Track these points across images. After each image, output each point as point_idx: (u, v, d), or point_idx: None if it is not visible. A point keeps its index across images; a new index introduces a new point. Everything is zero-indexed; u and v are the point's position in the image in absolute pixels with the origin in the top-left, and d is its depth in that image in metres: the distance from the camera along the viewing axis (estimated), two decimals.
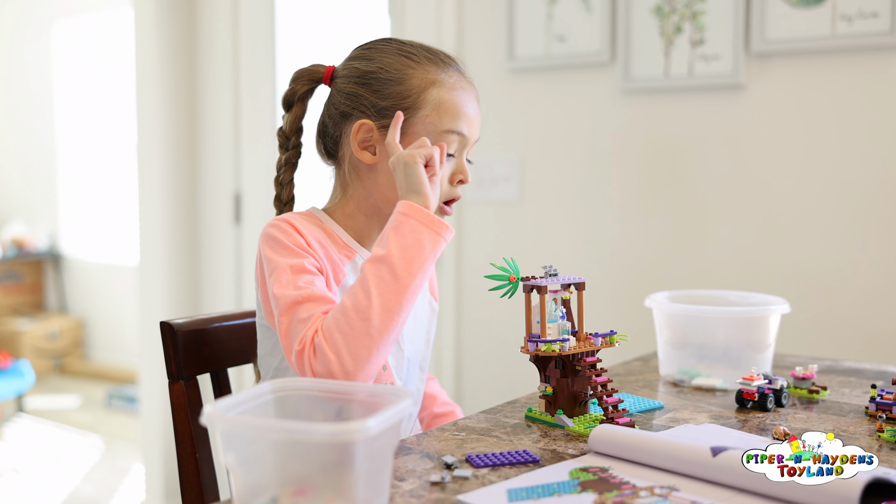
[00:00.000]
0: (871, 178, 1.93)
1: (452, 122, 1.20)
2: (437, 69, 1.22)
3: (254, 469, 0.81)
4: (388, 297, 1.05)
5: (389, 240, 1.08)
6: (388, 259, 1.07)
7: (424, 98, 1.20)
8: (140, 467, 3.38)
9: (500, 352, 2.43)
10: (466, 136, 1.22)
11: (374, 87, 1.22)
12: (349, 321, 1.04)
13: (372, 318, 1.04)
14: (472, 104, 1.23)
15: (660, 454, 0.96)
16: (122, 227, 5.20)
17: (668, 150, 2.16)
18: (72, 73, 5.47)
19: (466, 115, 1.21)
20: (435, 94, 1.20)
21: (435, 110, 1.20)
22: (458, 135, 1.21)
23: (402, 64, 1.22)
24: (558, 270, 1.20)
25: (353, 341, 1.03)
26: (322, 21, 2.93)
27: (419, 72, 1.21)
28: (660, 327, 1.46)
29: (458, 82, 1.23)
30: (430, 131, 1.20)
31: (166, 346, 1.27)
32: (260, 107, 2.92)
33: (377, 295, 1.05)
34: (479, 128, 1.25)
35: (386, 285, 1.06)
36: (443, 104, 1.20)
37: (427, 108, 1.20)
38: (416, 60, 1.22)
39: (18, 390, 4.27)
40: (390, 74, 1.21)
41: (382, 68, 1.22)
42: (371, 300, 1.05)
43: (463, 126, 1.21)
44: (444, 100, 1.20)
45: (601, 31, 2.19)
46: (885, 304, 1.92)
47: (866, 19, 1.88)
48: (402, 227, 1.09)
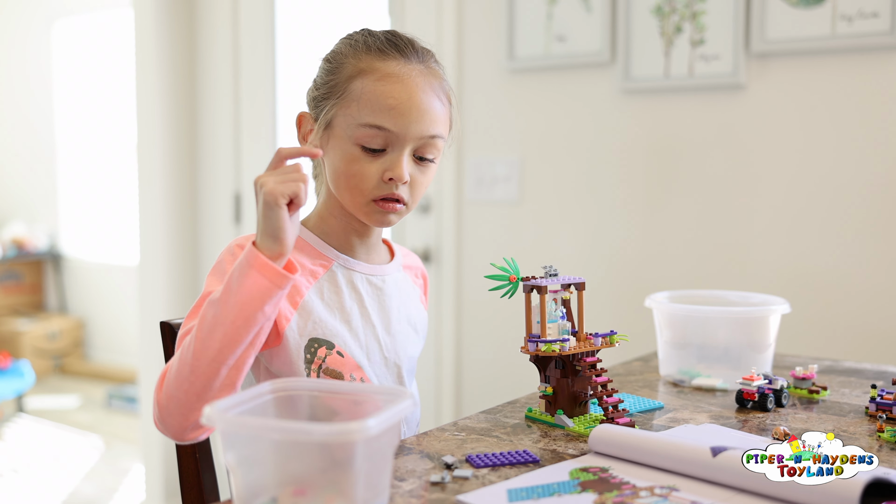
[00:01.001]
0: (871, 177, 1.93)
1: (372, 115, 1.11)
2: (373, 57, 1.13)
3: (254, 469, 0.81)
4: (208, 343, 0.99)
5: (228, 284, 1.00)
6: (218, 304, 1.00)
7: (350, 87, 1.13)
8: (140, 467, 3.38)
9: (500, 352, 2.43)
10: (393, 132, 1.11)
11: (317, 75, 1.20)
12: (178, 368, 1.01)
13: (192, 362, 1.00)
14: (410, 96, 1.11)
15: (660, 454, 0.96)
16: (122, 228, 5.20)
17: (669, 150, 2.16)
18: (72, 73, 5.47)
19: (394, 108, 1.10)
20: (359, 84, 1.12)
21: (356, 101, 1.12)
22: (378, 129, 1.11)
23: (342, 52, 1.17)
24: (558, 270, 1.20)
25: (177, 391, 1.01)
26: (322, 21, 2.93)
27: (352, 60, 1.14)
28: (660, 327, 1.46)
29: (397, 72, 1.12)
30: (349, 123, 1.12)
31: (166, 346, 1.27)
32: (260, 107, 2.92)
33: (200, 340, 1.00)
34: (431, 122, 1.13)
35: (210, 330, 0.99)
36: (364, 95, 1.11)
37: (350, 97, 1.12)
38: (355, 48, 1.15)
39: (18, 390, 4.27)
40: (329, 64, 1.18)
41: (327, 57, 1.19)
42: (193, 345, 1.00)
43: (386, 120, 1.10)
44: (367, 91, 1.11)
45: (601, 31, 2.19)
46: (884, 304, 1.92)
47: (866, 19, 1.88)
48: (245, 279, 0.99)
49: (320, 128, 1.16)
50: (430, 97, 1.14)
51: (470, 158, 2.46)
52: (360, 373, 1.18)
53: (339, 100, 1.14)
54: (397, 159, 1.12)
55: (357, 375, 1.18)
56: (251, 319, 0.99)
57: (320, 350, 1.16)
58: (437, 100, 1.15)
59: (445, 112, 1.17)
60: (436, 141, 1.15)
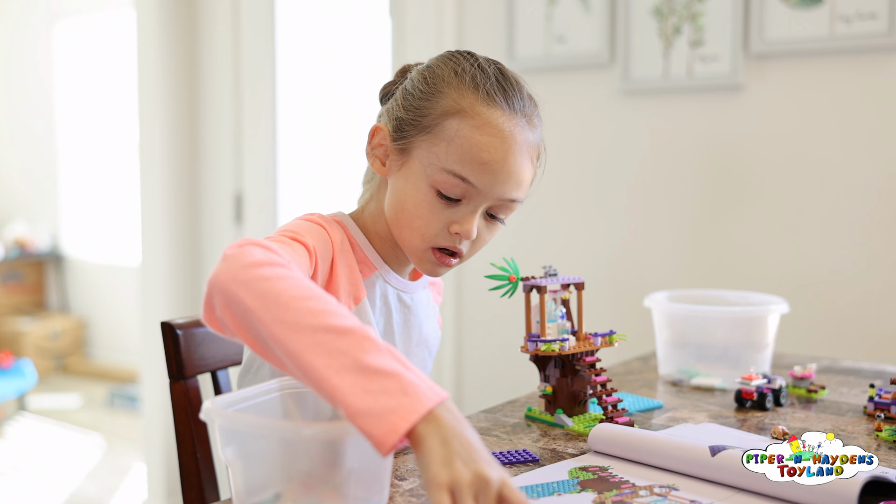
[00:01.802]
0: (869, 178, 1.93)
1: (460, 164, 1.00)
2: (477, 98, 1.01)
3: (251, 465, 0.81)
4: (295, 327, 0.79)
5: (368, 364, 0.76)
6: (349, 333, 0.78)
7: (443, 124, 1.01)
8: (141, 466, 3.38)
9: (500, 351, 2.43)
10: (476, 188, 1.01)
11: (406, 93, 1.07)
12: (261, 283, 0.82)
13: (278, 305, 0.80)
14: (506, 155, 1.01)
15: (659, 453, 0.97)
16: (124, 228, 5.21)
17: (668, 150, 2.16)
18: (73, 74, 5.47)
19: (486, 163, 1.00)
20: (455, 125, 1.01)
21: (446, 142, 1.01)
22: (462, 180, 1.00)
23: (445, 78, 1.04)
24: (558, 270, 1.21)
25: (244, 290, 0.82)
26: (323, 22, 2.94)
27: (453, 93, 1.02)
28: (659, 327, 1.47)
29: (500, 125, 1.01)
30: (431, 162, 1.01)
31: (167, 346, 1.28)
32: (261, 107, 2.92)
33: (305, 315, 0.80)
34: (516, 186, 1.03)
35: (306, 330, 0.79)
36: (458, 139, 1.00)
37: (441, 136, 1.01)
38: (460, 79, 1.03)
39: (20, 390, 4.27)
40: (425, 86, 1.05)
41: (426, 78, 1.05)
42: (297, 304, 0.81)
43: (473, 174, 1.00)
44: (463, 136, 1.00)
45: (601, 32, 2.20)
46: (883, 304, 1.93)
47: (865, 20, 1.88)
48: (381, 398, 0.75)
49: (397, 150, 1.06)
50: (524, 158, 1.04)
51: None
52: None
53: (428, 134, 1.02)
54: (470, 215, 1.03)
55: None
56: (314, 383, 0.78)
57: None
58: (528, 161, 1.05)
59: (532, 173, 1.08)
60: (513, 205, 1.06)
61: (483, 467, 0.73)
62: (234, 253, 0.85)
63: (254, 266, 0.83)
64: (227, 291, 0.83)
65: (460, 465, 0.72)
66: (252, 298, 0.81)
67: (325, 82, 2.94)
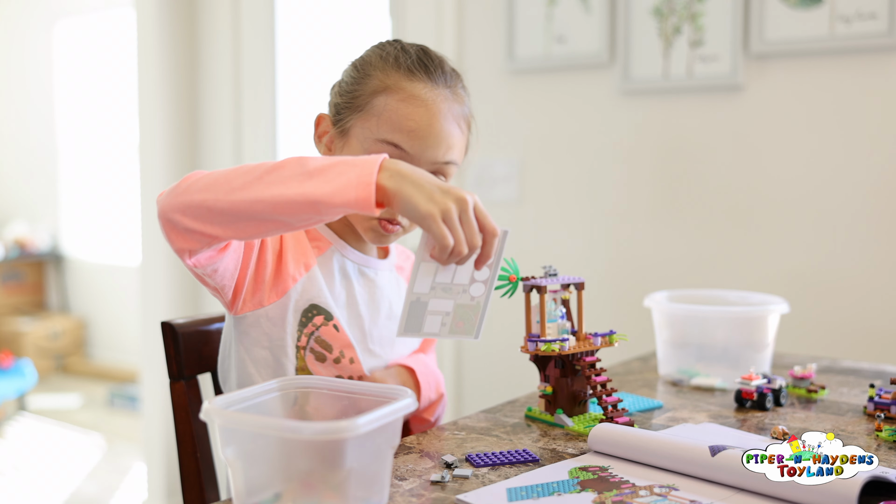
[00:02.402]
0: (869, 178, 1.93)
1: (390, 133, 1.11)
2: (401, 75, 1.13)
3: (251, 465, 0.81)
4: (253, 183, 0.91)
5: (324, 165, 0.91)
6: (286, 163, 0.92)
7: (373, 102, 1.13)
8: (141, 466, 3.38)
9: (500, 352, 2.43)
10: (408, 153, 1.11)
11: (342, 79, 1.19)
12: (216, 180, 0.94)
13: (224, 183, 0.93)
14: (431, 121, 1.11)
15: (659, 453, 0.97)
16: (124, 228, 5.21)
17: (668, 150, 2.16)
18: (73, 74, 5.47)
19: (413, 130, 1.10)
20: (383, 100, 1.12)
21: (376, 116, 1.12)
22: (394, 147, 1.11)
23: (372, 62, 1.16)
24: (558, 270, 1.21)
25: (196, 186, 0.95)
26: (323, 22, 2.94)
27: (380, 73, 1.14)
28: (659, 327, 1.47)
29: (422, 95, 1.12)
30: (366, 136, 1.12)
31: (167, 346, 1.28)
32: (261, 107, 2.92)
33: (246, 175, 0.93)
34: (447, 149, 1.13)
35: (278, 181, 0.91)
36: (386, 112, 1.11)
37: (371, 112, 1.12)
38: (384, 61, 1.15)
39: (20, 390, 4.28)
40: (357, 72, 1.17)
41: (356, 66, 1.18)
42: (238, 174, 0.93)
43: (403, 141, 1.10)
44: (390, 108, 1.11)
45: (601, 32, 2.20)
46: (883, 304, 1.93)
47: (864, 20, 1.88)
48: (338, 165, 0.90)
49: (338, 133, 1.17)
50: (450, 124, 1.13)
51: (470, 158, 2.46)
52: (352, 352, 1.17)
53: (360, 112, 1.14)
54: None
55: (347, 354, 1.17)
56: (286, 209, 0.91)
57: (317, 318, 1.16)
58: (456, 127, 1.14)
59: (463, 139, 1.17)
60: (449, 167, 1.15)
61: (458, 192, 0.88)
62: (165, 190, 0.99)
63: (183, 182, 0.97)
64: (178, 205, 0.95)
65: (440, 195, 0.87)
66: (200, 195, 0.94)
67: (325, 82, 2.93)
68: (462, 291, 0.97)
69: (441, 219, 0.87)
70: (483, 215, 0.89)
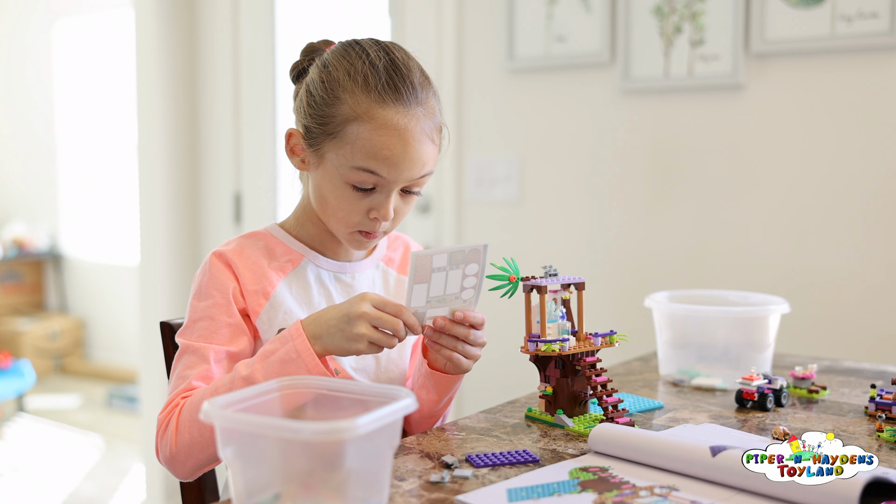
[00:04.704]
0: (870, 177, 1.93)
1: (365, 161, 1.11)
2: (371, 101, 1.10)
3: (251, 465, 0.81)
4: None
5: (267, 368, 1.05)
6: (249, 382, 1.05)
7: (344, 130, 1.11)
8: (140, 467, 3.38)
9: (500, 352, 2.43)
10: (384, 178, 1.12)
11: (311, 99, 1.15)
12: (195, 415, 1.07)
13: (199, 440, 1.07)
14: (405, 148, 1.11)
15: (659, 454, 0.96)
16: (123, 228, 5.21)
17: (668, 150, 2.16)
18: (72, 73, 5.47)
19: (388, 158, 1.10)
20: (355, 129, 1.10)
21: (350, 144, 1.11)
22: (370, 173, 1.11)
23: (341, 85, 1.12)
24: (558, 270, 1.20)
25: (191, 434, 1.07)
26: (323, 22, 2.93)
27: (350, 100, 1.11)
28: (660, 327, 1.46)
29: (393, 120, 1.10)
30: (341, 163, 1.12)
31: (166, 346, 1.27)
32: (260, 107, 2.92)
33: (203, 427, 1.06)
34: (422, 167, 1.13)
35: None
36: (359, 141, 1.10)
37: (345, 140, 1.11)
38: (353, 82, 1.11)
39: (19, 390, 4.27)
40: (326, 93, 1.13)
41: (325, 82, 1.13)
42: (198, 429, 1.06)
43: (380, 168, 1.11)
44: (363, 139, 1.10)
45: (601, 32, 2.19)
46: (884, 304, 1.93)
47: (866, 20, 1.88)
48: (288, 367, 1.05)
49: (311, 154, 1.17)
50: (425, 143, 1.13)
51: (470, 158, 2.46)
52: (335, 363, 1.18)
53: (334, 139, 1.12)
54: (385, 200, 1.14)
55: (332, 366, 1.17)
56: None
57: None
58: (430, 142, 1.14)
59: (436, 149, 1.17)
60: (423, 179, 1.17)
61: (354, 309, 1.04)
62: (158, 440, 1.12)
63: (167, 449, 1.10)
64: (183, 473, 1.11)
65: (348, 326, 1.04)
66: (192, 459, 1.09)
67: None
68: (455, 298, 1.10)
69: (368, 342, 1.04)
70: (383, 303, 1.05)
